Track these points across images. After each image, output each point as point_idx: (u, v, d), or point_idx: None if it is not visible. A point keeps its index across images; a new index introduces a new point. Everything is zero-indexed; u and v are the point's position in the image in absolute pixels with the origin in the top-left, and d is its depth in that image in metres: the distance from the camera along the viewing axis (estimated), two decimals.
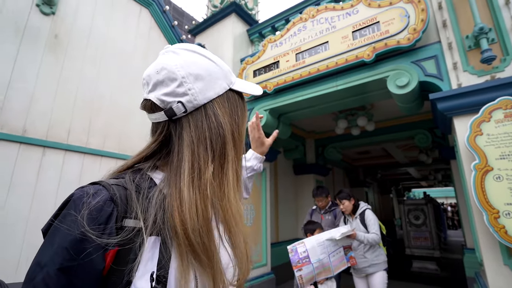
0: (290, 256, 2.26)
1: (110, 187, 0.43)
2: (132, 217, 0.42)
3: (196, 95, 0.49)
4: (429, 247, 5.89)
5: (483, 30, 2.24)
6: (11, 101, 2.26)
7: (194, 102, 0.49)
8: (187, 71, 0.49)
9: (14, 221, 2.16)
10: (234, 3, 4.22)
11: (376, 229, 2.54)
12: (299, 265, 2.21)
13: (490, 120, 2.01)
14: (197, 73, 0.50)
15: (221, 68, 0.53)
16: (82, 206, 0.39)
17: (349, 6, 3.08)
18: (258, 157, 0.98)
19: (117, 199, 0.42)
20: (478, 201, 1.91)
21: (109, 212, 0.40)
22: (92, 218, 0.38)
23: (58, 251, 0.37)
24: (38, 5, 2.46)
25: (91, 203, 0.39)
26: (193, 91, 0.49)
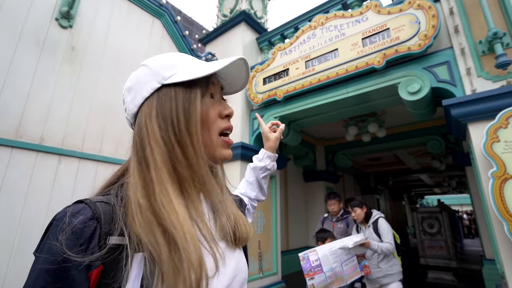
0: (302, 264, 2.23)
1: (93, 204, 0.42)
2: (117, 234, 0.40)
3: (128, 106, 0.52)
4: (445, 257, 5.68)
5: (497, 35, 2.21)
6: (30, 111, 2.34)
7: (129, 112, 0.52)
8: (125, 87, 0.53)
9: (30, 227, 2.21)
10: (243, 13, 4.29)
11: (390, 238, 2.48)
12: (311, 274, 2.18)
13: (508, 126, 1.95)
14: (129, 86, 0.52)
15: (151, 68, 0.50)
16: (64, 227, 0.38)
17: (358, 14, 3.08)
18: (270, 155, 0.97)
19: (100, 217, 0.41)
20: (498, 210, 1.84)
21: (91, 231, 0.39)
22: (73, 238, 0.38)
23: (39, 275, 0.37)
24: (57, 19, 2.57)
25: (73, 223, 0.39)
26: (126, 104, 0.52)
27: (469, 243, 12.13)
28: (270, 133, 0.97)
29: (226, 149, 0.53)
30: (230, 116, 0.54)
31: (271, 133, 0.97)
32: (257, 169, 0.97)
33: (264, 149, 0.98)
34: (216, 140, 0.52)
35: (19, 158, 2.24)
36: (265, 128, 0.98)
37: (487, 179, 1.97)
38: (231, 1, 4.81)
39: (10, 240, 2.10)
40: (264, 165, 0.96)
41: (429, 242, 5.98)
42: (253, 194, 0.96)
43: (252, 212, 0.95)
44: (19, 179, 2.22)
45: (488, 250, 3.89)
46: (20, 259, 2.12)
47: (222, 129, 0.53)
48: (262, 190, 0.99)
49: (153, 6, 3.49)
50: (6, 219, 2.11)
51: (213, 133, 0.52)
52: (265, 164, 0.96)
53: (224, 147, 0.53)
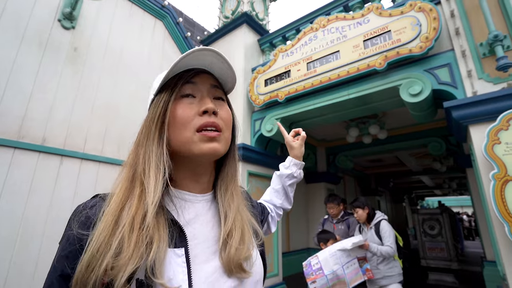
0: (304, 270, 2.24)
1: (105, 197, 0.50)
2: None
3: None
4: (445, 259, 5.68)
5: (498, 38, 2.21)
6: (32, 111, 2.35)
7: None
8: None
9: (32, 226, 2.22)
10: (245, 14, 4.31)
11: (391, 242, 2.48)
12: (312, 277, 2.18)
13: (509, 128, 1.96)
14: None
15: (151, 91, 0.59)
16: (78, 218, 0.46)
17: (360, 16, 3.09)
18: (297, 163, 0.98)
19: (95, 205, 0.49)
20: (499, 212, 1.85)
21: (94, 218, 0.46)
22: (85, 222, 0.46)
23: (59, 259, 0.44)
24: (59, 20, 2.59)
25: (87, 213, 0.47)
26: None
27: (469, 244, 12.10)
28: (293, 141, 0.99)
29: (205, 142, 0.51)
30: (209, 112, 0.52)
31: (295, 142, 0.99)
32: (283, 177, 0.98)
33: (290, 157, 0.99)
34: (192, 137, 0.51)
35: (21, 158, 2.25)
36: (289, 138, 1.00)
37: (488, 180, 1.97)
38: (232, 3, 4.83)
39: (11, 240, 2.11)
40: (290, 173, 0.97)
41: (429, 243, 5.97)
42: (279, 202, 0.97)
43: (278, 220, 0.96)
44: (21, 179, 2.23)
45: (489, 251, 3.89)
46: (21, 259, 2.13)
47: (199, 126, 0.51)
48: (288, 198, 0.99)
49: (155, 8, 3.51)
50: (8, 219, 2.12)
51: (188, 131, 0.51)
52: (291, 172, 0.97)
53: (203, 141, 0.51)
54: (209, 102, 0.53)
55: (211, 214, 0.57)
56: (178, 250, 0.47)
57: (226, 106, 0.58)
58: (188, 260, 0.47)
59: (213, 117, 0.52)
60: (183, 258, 0.46)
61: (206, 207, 0.57)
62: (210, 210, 0.57)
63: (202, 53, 0.52)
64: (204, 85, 0.56)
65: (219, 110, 0.54)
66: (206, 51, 0.52)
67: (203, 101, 0.53)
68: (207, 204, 0.57)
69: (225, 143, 0.55)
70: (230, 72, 0.58)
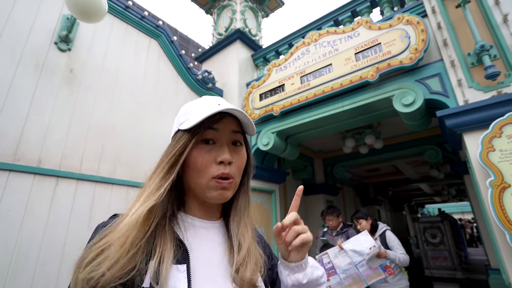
0: None
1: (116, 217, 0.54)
2: None
3: None
4: (449, 268, 5.60)
5: (484, 48, 2.28)
6: (28, 133, 2.34)
7: None
8: None
9: (26, 251, 2.16)
10: (238, 31, 4.41)
11: (403, 250, 2.46)
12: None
13: (502, 135, 1.99)
14: None
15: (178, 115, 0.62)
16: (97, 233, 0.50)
17: (350, 29, 3.18)
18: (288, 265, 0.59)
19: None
20: (499, 220, 1.84)
21: None
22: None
23: None
24: (56, 43, 2.62)
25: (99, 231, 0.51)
26: None
27: (473, 252, 11.96)
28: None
29: (217, 190, 0.56)
30: (224, 163, 0.56)
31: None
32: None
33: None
34: (207, 183, 0.56)
35: (17, 181, 2.22)
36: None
37: (486, 188, 1.98)
38: (226, 20, 4.95)
39: (5, 264, 2.04)
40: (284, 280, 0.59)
41: (432, 252, 5.90)
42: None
43: None
44: (16, 202, 2.19)
45: (493, 259, 3.85)
46: (16, 283, 2.06)
47: (214, 176, 0.55)
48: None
49: (149, 27, 3.58)
50: (2, 242, 2.07)
51: (204, 177, 0.56)
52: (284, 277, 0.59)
53: (216, 189, 0.56)
54: (226, 152, 0.57)
55: (220, 241, 0.60)
56: (181, 266, 0.50)
57: (242, 151, 0.62)
58: (189, 276, 0.49)
59: (227, 167, 0.56)
60: (184, 274, 0.49)
61: (214, 233, 0.60)
62: (219, 236, 0.61)
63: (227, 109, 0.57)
64: (225, 132, 0.58)
65: (234, 159, 0.58)
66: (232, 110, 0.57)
67: (222, 150, 0.57)
68: (216, 230, 0.61)
69: (235, 188, 0.60)
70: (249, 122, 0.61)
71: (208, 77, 4.03)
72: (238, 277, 0.53)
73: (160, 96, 3.52)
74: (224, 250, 0.58)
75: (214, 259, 0.56)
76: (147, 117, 3.27)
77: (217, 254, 0.57)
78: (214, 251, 0.57)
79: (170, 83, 3.72)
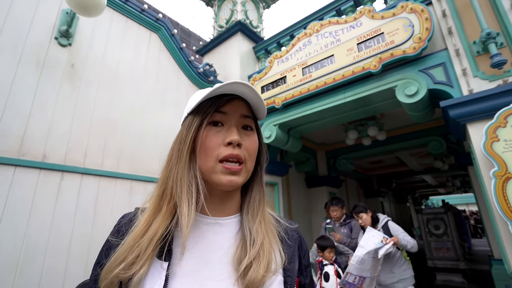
0: None
1: (138, 210, 0.58)
2: None
3: None
4: (452, 258, 5.61)
5: (490, 35, 2.23)
6: (32, 129, 2.36)
7: None
8: None
9: (34, 245, 2.21)
10: (239, 23, 4.36)
11: (409, 236, 2.48)
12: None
13: (506, 125, 1.96)
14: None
15: (186, 107, 0.61)
16: (117, 223, 0.58)
17: (352, 19, 3.13)
18: None
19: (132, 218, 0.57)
20: (502, 210, 1.83)
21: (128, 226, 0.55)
22: (116, 229, 0.57)
23: (99, 254, 0.57)
24: (56, 38, 2.62)
25: (121, 221, 0.58)
26: None
27: (477, 243, 11.96)
28: None
29: (225, 175, 0.53)
30: (233, 144, 0.53)
31: None
32: None
33: None
34: (215, 166, 0.53)
35: (22, 176, 2.25)
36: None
37: (489, 179, 1.96)
38: (226, 12, 4.89)
39: (14, 259, 2.09)
40: None
41: (435, 243, 5.91)
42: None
43: None
44: (22, 197, 2.23)
45: (496, 249, 3.84)
46: (25, 278, 2.11)
47: (223, 157, 0.53)
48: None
49: (149, 21, 3.55)
50: (11, 237, 2.11)
51: (211, 160, 0.53)
52: None
53: (223, 173, 0.53)
54: (235, 134, 0.54)
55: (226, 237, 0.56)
56: (164, 263, 0.50)
57: (253, 136, 0.59)
58: (167, 275, 0.49)
59: (237, 149, 0.53)
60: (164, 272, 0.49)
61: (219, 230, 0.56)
62: (224, 233, 0.56)
63: (235, 85, 0.53)
64: (234, 114, 0.56)
65: (244, 142, 0.55)
66: (237, 83, 0.53)
67: (230, 131, 0.55)
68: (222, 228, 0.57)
69: (246, 174, 0.56)
70: (259, 100, 0.58)
71: (210, 70, 4.01)
72: (242, 277, 0.50)
73: (161, 89, 3.52)
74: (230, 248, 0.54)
75: (218, 259, 0.52)
76: (148, 111, 3.28)
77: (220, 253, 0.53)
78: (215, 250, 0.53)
79: (171, 77, 3.71)
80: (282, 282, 0.55)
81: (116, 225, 0.58)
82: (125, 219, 0.58)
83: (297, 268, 0.59)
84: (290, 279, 0.55)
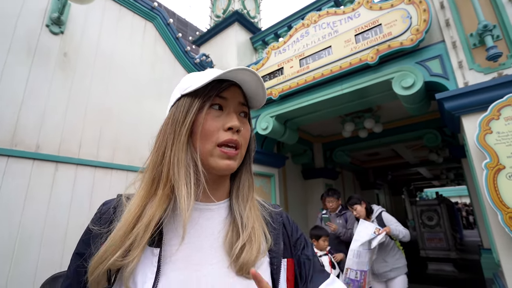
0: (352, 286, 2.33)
1: (120, 197, 0.57)
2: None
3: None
4: (444, 248, 5.74)
5: (487, 28, 2.23)
6: (24, 119, 2.33)
7: None
8: None
9: (29, 236, 2.21)
10: (236, 13, 4.29)
11: (402, 226, 2.53)
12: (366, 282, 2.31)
13: (500, 118, 1.98)
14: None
15: (181, 82, 0.59)
16: (97, 211, 0.56)
17: (351, 10, 3.09)
18: None
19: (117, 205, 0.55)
20: (492, 200, 1.87)
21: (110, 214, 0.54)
22: (97, 218, 0.55)
23: (78, 244, 0.55)
24: (47, 25, 2.56)
25: (102, 208, 0.56)
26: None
27: (468, 234, 12.23)
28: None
29: (222, 159, 0.53)
30: (233, 129, 0.54)
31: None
32: None
33: None
34: (213, 150, 0.53)
35: (16, 166, 2.24)
36: None
37: (481, 170, 1.99)
38: (223, 2, 4.80)
39: (9, 250, 2.10)
40: None
41: (428, 234, 6.03)
42: None
43: None
44: (16, 188, 2.21)
45: (486, 240, 3.93)
46: (20, 269, 2.12)
47: (222, 142, 0.53)
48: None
49: (144, 9, 3.48)
50: (5, 227, 2.11)
51: (210, 143, 0.53)
52: None
53: (221, 158, 0.53)
54: (235, 120, 0.54)
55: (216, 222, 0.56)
56: (155, 249, 0.49)
57: (248, 124, 0.60)
58: (160, 260, 0.48)
59: (236, 134, 0.54)
60: (156, 258, 0.48)
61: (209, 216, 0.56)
62: (215, 218, 0.57)
63: (242, 72, 0.53)
64: (233, 100, 0.57)
65: (242, 129, 0.56)
66: (246, 71, 0.53)
67: (230, 117, 0.55)
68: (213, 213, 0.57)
69: (239, 160, 0.58)
70: (260, 90, 0.58)
71: (206, 60, 3.97)
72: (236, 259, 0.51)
73: (157, 80, 3.48)
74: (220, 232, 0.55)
75: (205, 244, 0.53)
76: (144, 101, 3.25)
77: (211, 238, 0.54)
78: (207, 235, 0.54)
79: (167, 67, 3.67)
80: (268, 263, 0.56)
81: (97, 213, 0.56)
82: (107, 206, 0.56)
83: (282, 248, 0.59)
84: (276, 260, 0.57)
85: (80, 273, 0.50)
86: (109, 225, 0.52)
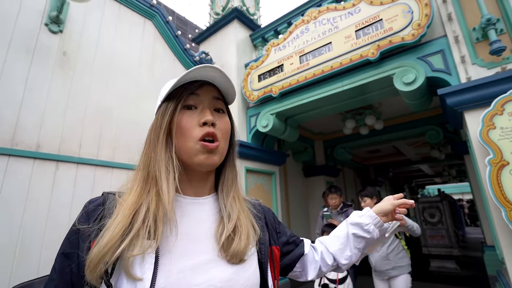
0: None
1: (107, 195, 0.58)
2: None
3: None
4: (446, 245, 5.71)
5: (490, 21, 2.19)
6: (24, 118, 2.33)
7: None
8: None
9: (30, 236, 2.21)
10: (235, 10, 4.26)
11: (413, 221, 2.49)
12: None
13: (503, 113, 1.95)
14: None
15: (159, 97, 0.64)
16: (84, 210, 0.56)
17: (351, 6, 3.06)
18: (376, 222, 0.80)
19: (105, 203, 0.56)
20: (495, 197, 1.84)
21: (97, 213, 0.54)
22: (84, 216, 0.54)
23: (63, 243, 0.54)
24: (46, 24, 2.55)
25: (88, 207, 0.56)
26: None
27: (471, 231, 12.19)
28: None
29: (203, 154, 0.56)
30: (208, 124, 0.57)
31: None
32: (350, 224, 0.81)
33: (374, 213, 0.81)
34: (194, 147, 0.56)
35: (16, 166, 2.23)
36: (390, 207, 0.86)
37: (484, 166, 1.97)
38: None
39: (11, 249, 2.10)
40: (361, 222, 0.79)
41: (430, 231, 6.00)
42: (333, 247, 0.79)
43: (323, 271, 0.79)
44: (17, 187, 2.21)
45: (489, 237, 3.91)
46: (22, 267, 2.12)
47: (200, 137, 0.56)
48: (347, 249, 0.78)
49: (143, 7, 3.46)
50: (7, 228, 2.11)
51: (190, 141, 0.57)
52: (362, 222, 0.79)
53: (202, 153, 0.56)
54: (208, 114, 0.58)
55: (207, 215, 0.60)
56: (153, 242, 0.50)
57: (225, 118, 0.63)
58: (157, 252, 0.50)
59: (211, 128, 0.57)
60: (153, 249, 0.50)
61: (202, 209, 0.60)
62: (207, 211, 0.61)
63: (204, 69, 0.57)
64: (206, 97, 0.60)
65: (217, 122, 0.59)
66: (208, 67, 0.57)
67: (203, 112, 0.59)
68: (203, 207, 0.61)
69: (221, 154, 0.61)
70: (229, 85, 0.62)
71: (206, 58, 3.95)
72: (225, 248, 0.54)
73: (157, 78, 3.46)
74: (212, 224, 0.59)
75: (202, 234, 0.56)
76: (144, 100, 3.24)
77: (207, 229, 0.57)
78: (203, 227, 0.57)
79: (166, 65, 3.65)
80: (257, 251, 0.60)
81: (83, 212, 0.56)
82: (94, 204, 0.56)
83: (268, 237, 0.65)
84: (264, 247, 0.62)
85: (67, 273, 0.51)
86: (99, 222, 0.52)
